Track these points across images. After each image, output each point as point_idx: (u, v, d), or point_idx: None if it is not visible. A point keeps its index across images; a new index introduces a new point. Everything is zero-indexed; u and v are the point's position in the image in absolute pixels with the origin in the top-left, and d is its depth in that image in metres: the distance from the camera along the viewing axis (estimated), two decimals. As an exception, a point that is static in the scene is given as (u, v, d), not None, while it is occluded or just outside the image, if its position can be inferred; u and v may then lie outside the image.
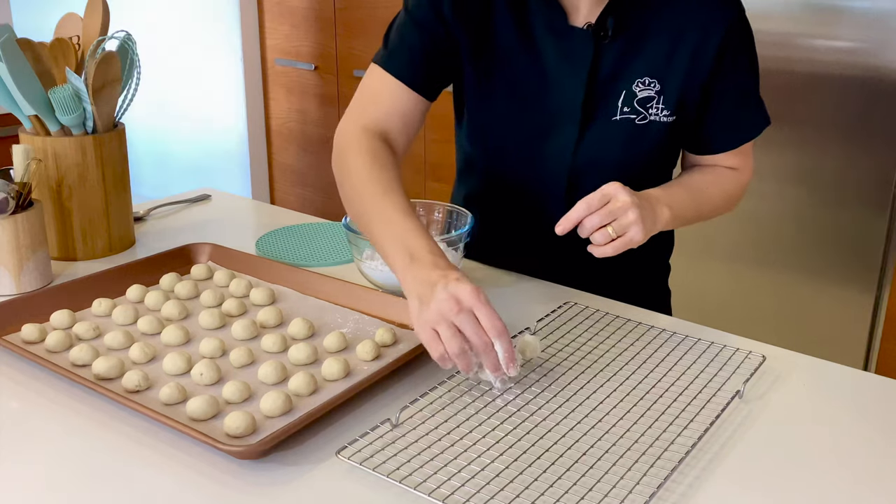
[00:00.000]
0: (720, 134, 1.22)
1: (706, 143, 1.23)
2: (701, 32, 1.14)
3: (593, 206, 1.01)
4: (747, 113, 1.21)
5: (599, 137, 1.18)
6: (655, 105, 1.16)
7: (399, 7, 1.24)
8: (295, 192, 3.31)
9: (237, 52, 3.17)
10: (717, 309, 2.26)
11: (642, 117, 1.17)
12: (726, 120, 1.20)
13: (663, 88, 1.16)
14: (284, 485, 0.79)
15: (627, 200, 1.01)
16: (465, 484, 0.77)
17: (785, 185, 2.15)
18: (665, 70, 1.15)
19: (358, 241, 1.17)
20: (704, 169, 1.25)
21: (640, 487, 0.77)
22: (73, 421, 0.88)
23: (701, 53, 1.15)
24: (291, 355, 0.98)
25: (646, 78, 1.16)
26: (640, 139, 1.18)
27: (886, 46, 1.94)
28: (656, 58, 1.15)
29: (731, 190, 1.24)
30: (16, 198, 1.16)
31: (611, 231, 1.01)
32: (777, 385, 0.98)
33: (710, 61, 1.15)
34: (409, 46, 1.18)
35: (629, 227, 1.01)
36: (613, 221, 1.01)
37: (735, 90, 1.19)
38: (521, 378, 0.96)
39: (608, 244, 1.02)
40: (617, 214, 1.01)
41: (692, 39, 1.14)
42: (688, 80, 1.16)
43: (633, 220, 1.01)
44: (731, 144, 1.22)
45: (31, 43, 1.25)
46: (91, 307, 1.11)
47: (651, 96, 1.16)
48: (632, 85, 1.16)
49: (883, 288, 2.06)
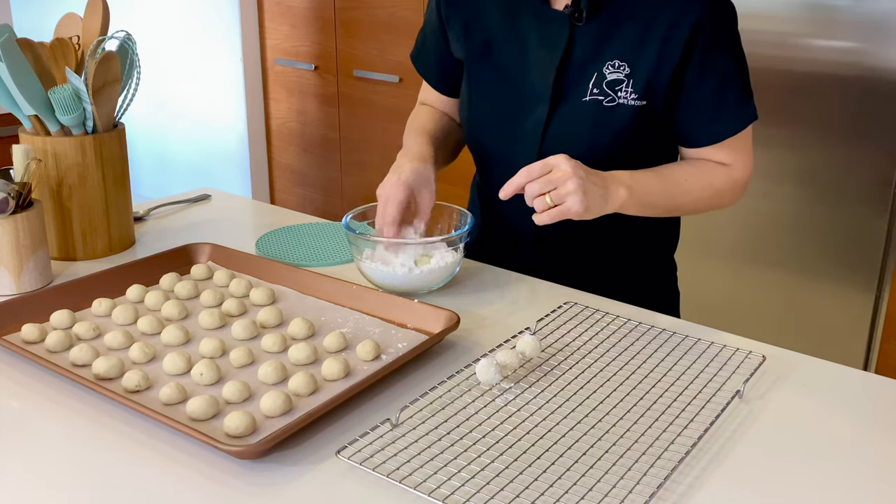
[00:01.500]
0: (699, 126, 1.21)
1: (687, 135, 1.23)
2: (673, 19, 1.15)
3: (533, 174, 1.06)
4: (728, 106, 1.19)
5: (568, 117, 1.21)
6: (624, 88, 1.18)
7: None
8: (295, 192, 3.31)
9: (237, 52, 3.17)
10: (717, 309, 2.25)
11: (610, 99, 1.18)
12: (704, 111, 1.20)
13: (633, 72, 1.18)
14: (284, 485, 0.79)
15: (568, 170, 1.05)
16: (465, 484, 0.77)
17: (784, 185, 2.15)
18: (635, 54, 1.17)
19: (358, 241, 1.18)
20: (691, 161, 1.25)
21: (640, 487, 0.77)
22: (73, 421, 0.88)
23: (671, 39, 1.15)
24: (291, 355, 0.98)
25: (616, 61, 1.18)
26: (607, 121, 1.19)
27: (886, 46, 1.94)
28: (628, 42, 1.17)
29: (719, 185, 1.22)
30: (16, 198, 1.16)
31: (548, 199, 1.05)
32: (777, 385, 0.98)
33: (681, 48, 1.15)
34: (425, 47, 1.39)
35: (566, 196, 1.04)
36: (553, 190, 1.04)
37: (712, 81, 1.18)
38: (521, 378, 0.96)
39: (546, 212, 1.06)
40: (556, 183, 1.05)
41: (663, 25, 1.16)
42: (658, 66, 1.17)
43: (572, 190, 1.04)
44: (713, 137, 1.21)
45: (31, 43, 1.25)
46: (91, 307, 1.11)
47: (620, 79, 1.18)
48: (602, 67, 1.19)
49: (883, 288, 2.06)
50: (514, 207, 1.18)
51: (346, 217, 1.21)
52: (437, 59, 1.37)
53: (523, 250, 1.31)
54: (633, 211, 1.15)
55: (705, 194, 1.22)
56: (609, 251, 1.31)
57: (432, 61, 1.38)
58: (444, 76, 1.38)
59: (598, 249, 1.30)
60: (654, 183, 1.17)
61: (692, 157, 1.25)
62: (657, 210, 1.19)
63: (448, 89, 1.40)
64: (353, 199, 3.10)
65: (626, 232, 1.29)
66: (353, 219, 1.22)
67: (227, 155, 3.36)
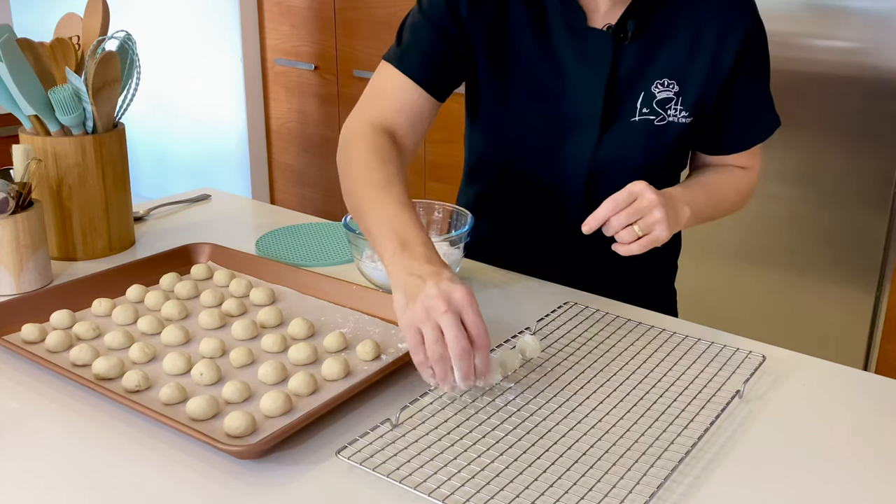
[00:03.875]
0: (736, 135, 1.23)
1: (722, 144, 1.24)
2: (720, 34, 1.14)
3: (620, 205, 1.01)
4: (761, 114, 1.22)
5: (619, 139, 1.18)
6: (674, 106, 1.17)
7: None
8: (295, 192, 3.31)
9: (237, 52, 3.17)
10: (717, 309, 2.25)
11: (661, 118, 1.17)
12: (742, 121, 1.21)
13: (682, 90, 1.16)
14: (284, 485, 0.79)
15: (654, 199, 1.02)
16: (465, 484, 0.77)
17: (784, 185, 2.15)
18: (684, 72, 1.16)
19: (358, 241, 1.17)
20: (719, 169, 1.26)
21: (640, 487, 0.77)
22: (73, 421, 0.88)
23: (720, 55, 1.15)
24: (291, 355, 0.98)
25: (664, 79, 1.16)
26: (658, 140, 1.18)
27: (886, 46, 1.94)
28: (675, 59, 1.15)
29: (744, 189, 1.26)
30: (16, 198, 1.16)
31: (637, 229, 1.02)
32: (777, 385, 0.98)
33: (730, 63, 1.15)
34: (422, 46, 1.18)
35: (654, 225, 1.02)
36: (639, 220, 1.02)
37: (751, 92, 1.20)
38: (521, 378, 0.96)
39: (633, 242, 1.02)
40: (643, 213, 1.02)
41: (711, 41, 1.14)
42: (707, 82, 1.16)
43: (659, 219, 1.02)
44: (745, 145, 1.23)
45: (31, 43, 1.25)
46: (91, 307, 1.11)
47: (670, 97, 1.16)
48: (650, 86, 1.16)
49: (883, 288, 2.06)
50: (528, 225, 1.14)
51: (346, 217, 1.21)
52: (434, 56, 1.18)
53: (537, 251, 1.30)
54: (690, 225, 1.14)
55: (736, 200, 1.25)
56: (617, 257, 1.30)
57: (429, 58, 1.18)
58: (437, 76, 1.19)
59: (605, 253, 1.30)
60: (703, 196, 1.18)
61: (716, 163, 1.26)
62: (703, 221, 1.19)
63: (437, 90, 1.19)
64: (353, 199, 3.10)
65: None
66: (353, 219, 1.22)
67: (227, 155, 3.36)
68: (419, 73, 1.17)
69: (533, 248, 1.30)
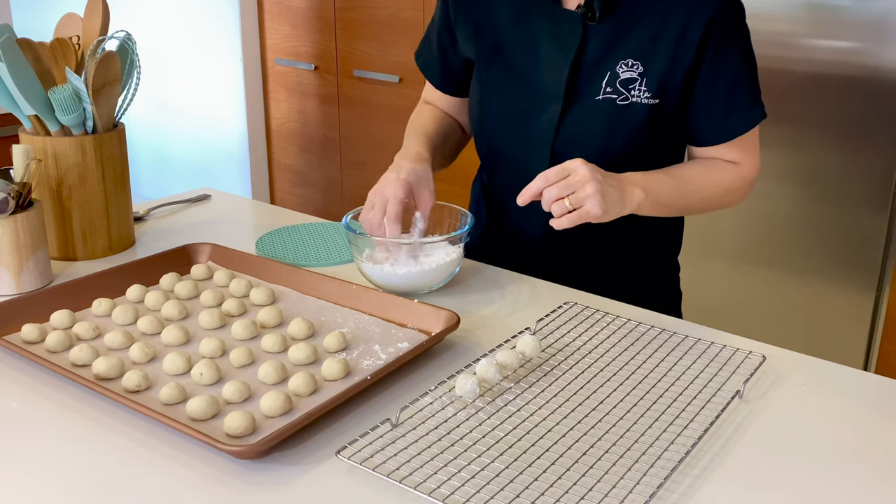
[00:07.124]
0: (711, 125, 1.22)
1: (699, 134, 1.23)
2: (686, 18, 1.16)
3: (551, 179, 1.05)
4: (739, 105, 1.20)
5: (581, 116, 1.21)
6: (638, 87, 1.18)
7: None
8: (295, 192, 3.31)
9: (237, 52, 3.17)
10: (718, 309, 2.25)
11: (623, 98, 1.19)
12: (716, 110, 1.20)
13: (646, 71, 1.18)
14: (284, 485, 0.79)
15: (586, 174, 1.04)
16: (465, 484, 0.77)
17: (785, 185, 2.15)
18: (649, 53, 1.17)
19: (358, 241, 1.18)
20: (700, 161, 1.25)
21: (640, 487, 0.77)
22: (73, 421, 0.88)
23: (685, 38, 1.16)
24: (291, 355, 0.98)
25: (629, 60, 1.18)
26: (620, 120, 1.19)
27: (886, 46, 1.94)
28: (641, 41, 1.17)
29: (728, 183, 1.23)
30: (16, 198, 1.16)
31: (567, 203, 1.04)
32: (777, 385, 0.98)
33: (695, 47, 1.16)
34: (430, 46, 1.38)
35: (585, 199, 1.04)
36: (571, 194, 1.04)
37: (724, 80, 1.19)
38: (522, 378, 0.96)
39: (564, 216, 1.05)
40: (575, 187, 1.04)
41: (677, 24, 1.16)
42: (671, 65, 1.17)
43: (591, 194, 1.04)
44: (723, 136, 1.22)
45: (31, 43, 1.25)
46: (91, 307, 1.11)
47: (634, 78, 1.18)
48: (615, 66, 1.19)
49: (883, 288, 2.06)
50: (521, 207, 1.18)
51: (346, 217, 1.21)
52: (441, 58, 1.37)
53: (529, 249, 1.31)
54: (648, 212, 1.15)
55: (716, 193, 1.23)
56: (614, 252, 1.31)
57: (437, 60, 1.38)
58: (448, 76, 1.38)
59: (604, 250, 1.30)
60: (667, 183, 1.17)
61: (701, 155, 1.25)
62: (670, 210, 1.20)
63: (451, 89, 1.39)
64: (353, 199, 3.10)
65: (632, 233, 1.28)
66: (353, 219, 1.22)
67: (227, 155, 3.36)
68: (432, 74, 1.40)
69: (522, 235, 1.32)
